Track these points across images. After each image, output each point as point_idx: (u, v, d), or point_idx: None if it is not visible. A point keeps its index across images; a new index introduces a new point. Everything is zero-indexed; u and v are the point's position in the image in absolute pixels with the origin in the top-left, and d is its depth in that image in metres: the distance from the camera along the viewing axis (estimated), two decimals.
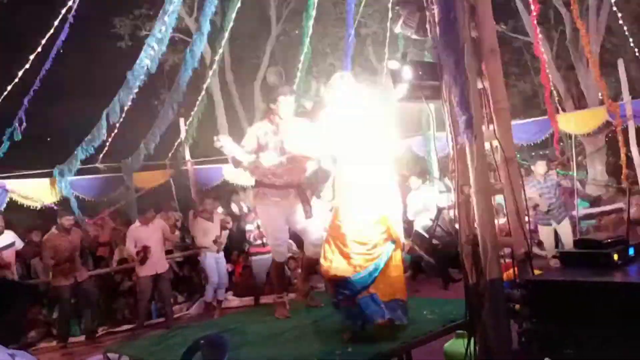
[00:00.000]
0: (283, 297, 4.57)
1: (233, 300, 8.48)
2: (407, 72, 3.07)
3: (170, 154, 10.07)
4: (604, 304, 2.13)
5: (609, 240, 2.46)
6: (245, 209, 8.98)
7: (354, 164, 3.62)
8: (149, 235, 7.35)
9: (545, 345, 2.26)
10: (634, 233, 4.26)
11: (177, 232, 9.10)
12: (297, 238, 6.20)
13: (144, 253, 7.19)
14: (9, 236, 7.00)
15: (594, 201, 9.83)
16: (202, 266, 8.12)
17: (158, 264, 7.40)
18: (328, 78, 4.05)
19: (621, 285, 2.19)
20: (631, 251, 2.45)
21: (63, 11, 7.10)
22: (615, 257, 2.36)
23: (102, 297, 8.22)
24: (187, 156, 9.77)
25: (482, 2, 2.90)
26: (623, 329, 2.05)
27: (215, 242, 7.85)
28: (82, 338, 7.47)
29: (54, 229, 7.23)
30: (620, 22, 9.60)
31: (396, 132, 3.91)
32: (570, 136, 10.03)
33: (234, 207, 10.09)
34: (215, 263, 7.88)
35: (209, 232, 7.94)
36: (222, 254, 8.03)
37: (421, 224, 4.47)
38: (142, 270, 7.29)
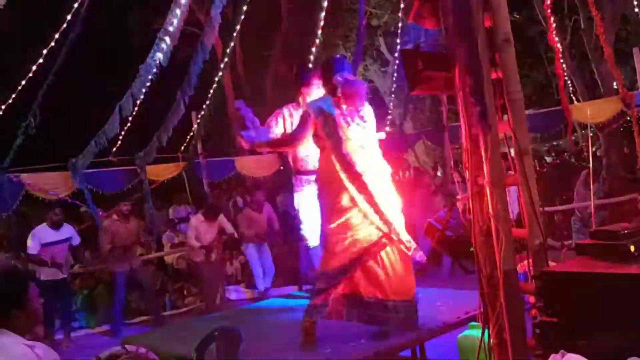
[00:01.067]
0: None
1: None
2: (420, 63, 3.05)
3: (182, 147, 10.11)
4: (619, 296, 2.11)
5: (626, 232, 2.44)
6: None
7: None
8: (208, 228, 7.52)
9: (560, 337, 2.25)
10: None
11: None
12: None
13: (207, 250, 7.41)
14: (67, 230, 7.08)
15: (609, 191, 9.73)
16: (245, 256, 8.43)
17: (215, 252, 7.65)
18: None
19: (638, 277, 2.17)
20: None
21: (76, 5, 7.13)
22: (632, 248, 2.33)
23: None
24: (199, 149, 9.82)
25: None
26: (638, 320, 2.04)
27: (256, 235, 8.09)
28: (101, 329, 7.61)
29: (114, 216, 7.47)
30: (636, 10, 9.45)
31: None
32: (584, 126, 9.93)
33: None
34: (257, 252, 8.12)
35: (254, 223, 8.14)
36: (265, 244, 8.29)
37: None
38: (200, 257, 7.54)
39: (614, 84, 10.28)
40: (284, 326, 4.13)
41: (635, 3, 9.05)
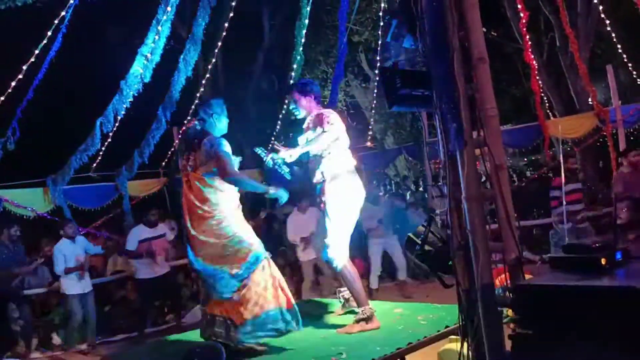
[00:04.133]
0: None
1: None
2: (398, 81, 3.12)
3: (163, 163, 10.07)
4: (591, 308, 2.16)
5: (597, 245, 2.50)
6: None
7: None
8: (306, 222, 7.71)
9: (536, 349, 2.29)
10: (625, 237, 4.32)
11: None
12: None
13: (305, 242, 7.68)
14: (162, 227, 7.61)
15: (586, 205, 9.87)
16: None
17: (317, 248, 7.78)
18: (320, 85, 4.15)
19: (608, 289, 2.23)
20: (618, 255, 2.49)
21: (56, 21, 7.12)
22: (603, 261, 2.39)
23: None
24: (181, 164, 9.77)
25: (471, 11, 2.94)
26: (610, 331, 2.09)
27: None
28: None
29: None
30: (609, 28, 9.72)
31: None
32: (561, 141, 10.13)
33: None
34: None
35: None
36: None
37: None
38: (303, 256, 7.86)
39: (589, 100, 10.52)
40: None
41: (608, 22, 9.30)
